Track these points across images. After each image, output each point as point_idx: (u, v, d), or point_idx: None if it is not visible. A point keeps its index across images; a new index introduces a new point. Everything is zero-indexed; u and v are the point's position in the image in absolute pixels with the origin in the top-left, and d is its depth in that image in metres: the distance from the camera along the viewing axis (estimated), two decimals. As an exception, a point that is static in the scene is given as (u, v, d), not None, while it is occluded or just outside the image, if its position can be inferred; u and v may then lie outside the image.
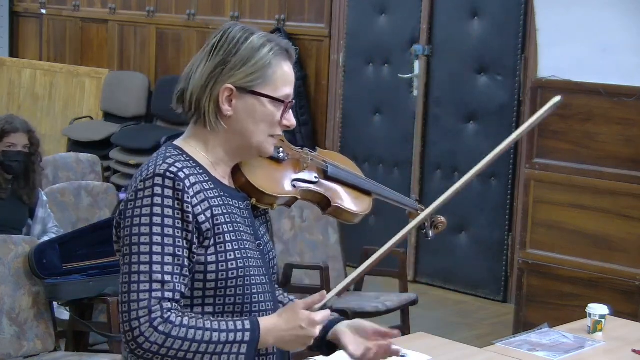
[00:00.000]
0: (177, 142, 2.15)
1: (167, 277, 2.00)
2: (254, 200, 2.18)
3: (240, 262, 2.08)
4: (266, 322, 2.04)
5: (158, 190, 2.02)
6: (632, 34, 4.85)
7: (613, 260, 4.93)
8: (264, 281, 2.15)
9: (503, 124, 6.52)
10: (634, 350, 3.13)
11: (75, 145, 8.33)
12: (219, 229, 2.06)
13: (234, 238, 2.09)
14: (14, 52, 10.07)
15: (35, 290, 4.04)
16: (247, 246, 2.11)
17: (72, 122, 8.83)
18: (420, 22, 6.89)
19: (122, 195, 5.48)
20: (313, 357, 2.89)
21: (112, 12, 9.10)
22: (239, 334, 2.01)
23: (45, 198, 4.80)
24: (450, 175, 6.80)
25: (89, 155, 6.23)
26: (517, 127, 6.43)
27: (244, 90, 2.09)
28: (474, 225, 6.68)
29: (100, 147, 8.10)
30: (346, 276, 5.20)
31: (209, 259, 2.05)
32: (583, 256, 5.02)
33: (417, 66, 6.91)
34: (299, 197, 2.25)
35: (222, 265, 2.06)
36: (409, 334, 4.79)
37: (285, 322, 2.04)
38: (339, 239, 5.27)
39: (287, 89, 2.13)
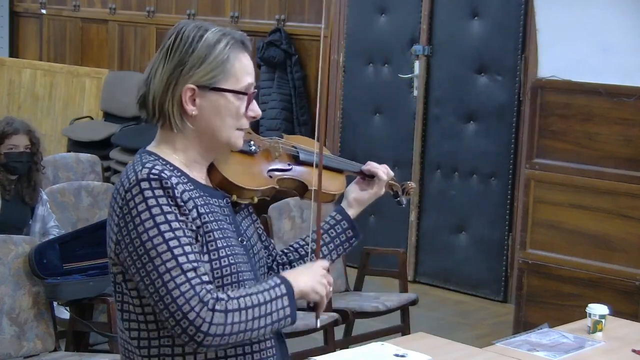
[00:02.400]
0: (149, 148, 2.15)
1: (195, 264, 2.00)
2: (234, 197, 2.20)
3: (232, 260, 2.10)
4: (288, 273, 2.13)
5: (148, 193, 2.02)
6: (632, 34, 4.85)
7: (613, 260, 4.93)
8: (251, 277, 2.16)
9: (503, 124, 6.52)
10: (634, 350, 3.13)
11: (75, 145, 8.33)
12: (207, 227, 2.08)
13: (221, 236, 2.10)
14: (14, 52, 10.07)
15: (35, 290, 4.04)
16: (233, 243, 2.13)
17: (72, 122, 8.83)
18: (420, 22, 6.89)
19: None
20: (313, 357, 2.89)
21: (112, 12, 9.10)
22: (276, 289, 2.06)
23: (45, 197, 4.81)
24: (451, 175, 6.80)
25: (89, 155, 6.23)
26: (517, 127, 6.44)
27: (205, 88, 2.09)
28: (474, 225, 6.68)
29: (100, 147, 8.10)
30: (346, 276, 5.22)
31: (204, 258, 2.06)
32: (583, 256, 5.02)
33: (417, 66, 6.91)
34: (277, 187, 2.28)
35: (216, 264, 2.08)
36: (409, 334, 4.79)
37: (303, 267, 2.18)
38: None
39: (248, 79, 2.14)
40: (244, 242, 2.19)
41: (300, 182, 2.33)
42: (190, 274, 1.99)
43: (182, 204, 2.04)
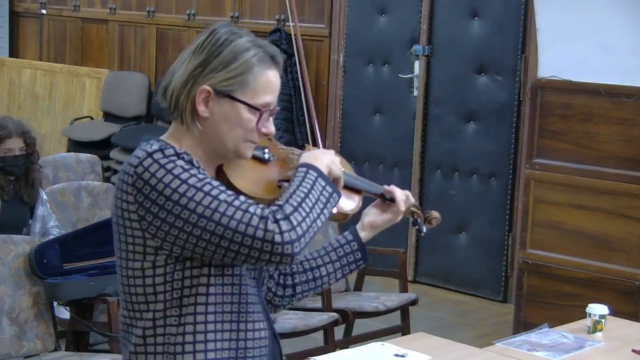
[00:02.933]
0: (160, 138, 2.12)
1: (235, 195, 1.99)
2: None
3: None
4: (306, 154, 2.14)
5: (163, 160, 2.00)
6: (632, 34, 4.85)
7: (613, 260, 4.93)
8: (252, 275, 2.15)
9: (503, 124, 6.52)
10: (634, 350, 3.13)
11: (75, 145, 8.33)
12: None
13: None
14: (14, 52, 10.07)
15: (36, 290, 4.04)
16: None
17: (72, 122, 8.83)
18: (420, 22, 6.89)
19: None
20: (313, 357, 2.89)
21: (112, 12, 9.10)
22: (309, 176, 2.06)
23: (45, 197, 4.81)
24: (451, 175, 6.80)
25: (89, 155, 6.23)
26: (517, 127, 6.44)
27: (221, 93, 2.06)
28: (474, 225, 6.68)
29: (101, 147, 8.10)
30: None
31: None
32: (583, 256, 5.02)
33: (417, 66, 6.91)
34: None
35: (219, 270, 2.07)
36: (409, 334, 4.79)
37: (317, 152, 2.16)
38: (339, 239, 5.26)
39: (267, 97, 2.09)
40: None
41: None
42: (236, 202, 1.97)
43: (203, 172, 2.02)
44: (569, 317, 4.02)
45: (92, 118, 8.87)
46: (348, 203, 2.29)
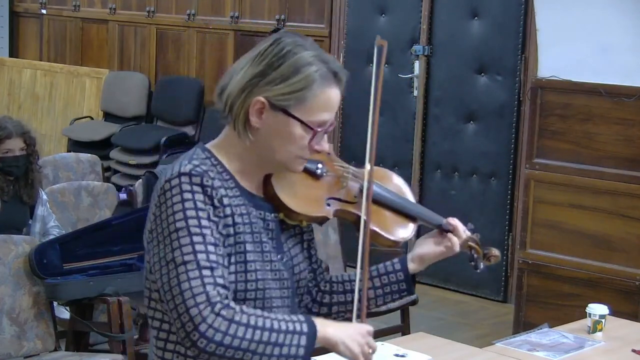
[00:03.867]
0: (208, 145, 2.06)
1: (214, 265, 1.91)
2: (281, 215, 2.07)
3: (260, 275, 2.01)
4: (320, 319, 1.98)
5: (186, 187, 1.94)
6: (632, 34, 4.85)
7: (613, 260, 4.93)
8: (285, 294, 2.07)
9: (503, 124, 6.52)
10: (634, 350, 3.13)
11: (75, 145, 8.33)
12: (239, 237, 1.99)
13: (254, 249, 2.01)
14: (14, 52, 10.07)
15: (36, 290, 4.04)
16: (268, 259, 2.03)
17: (72, 122, 8.83)
18: (420, 22, 6.90)
19: (122, 196, 5.48)
20: (313, 357, 2.89)
21: (112, 12, 9.10)
22: (298, 325, 1.92)
23: (45, 197, 4.80)
24: (451, 175, 6.80)
25: (89, 155, 6.23)
26: (517, 127, 6.44)
27: (276, 107, 1.97)
28: (474, 225, 6.66)
29: (101, 147, 8.11)
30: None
31: (230, 268, 1.97)
32: (583, 256, 5.02)
33: (417, 66, 6.91)
34: (330, 217, 2.10)
35: (242, 276, 1.99)
36: (409, 334, 4.79)
37: (339, 324, 2.00)
38: (339, 239, 5.27)
39: (324, 116, 2.02)
40: (284, 260, 2.08)
41: (360, 218, 2.10)
42: (206, 272, 1.89)
43: (219, 205, 1.96)
44: (569, 317, 4.02)
45: (92, 118, 8.87)
46: (401, 231, 2.19)
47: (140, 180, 5.51)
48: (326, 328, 1.96)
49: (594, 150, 5.00)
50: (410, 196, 2.26)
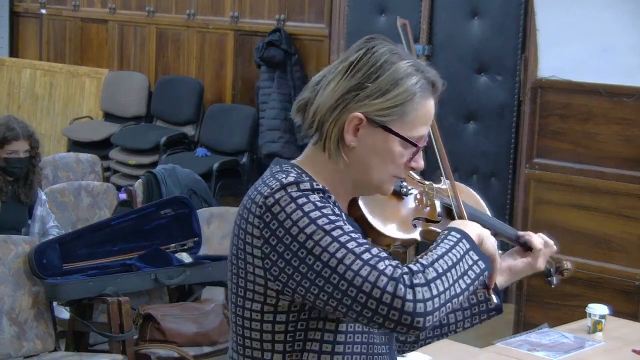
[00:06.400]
0: (294, 162, 1.87)
1: (366, 245, 1.70)
2: (368, 239, 1.85)
3: None
4: (455, 223, 1.85)
5: (296, 194, 1.73)
6: (632, 34, 4.85)
7: (613, 260, 4.93)
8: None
9: (503, 124, 6.52)
10: (634, 350, 3.13)
11: (75, 145, 8.33)
12: None
13: None
14: (14, 52, 10.07)
15: (35, 290, 4.04)
16: None
17: (72, 122, 8.83)
18: (420, 22, 6.89)
19: (122, 195, 5.48)
20: None
21: (112, 12, 9.10)
22: (460, 245, 1.76)
23: (44, 197, 4.80)
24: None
25: (89, 155, 6.24)
26: (517, 127, 6.44)
27: (375, 123, 1.81)
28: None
29: (100, 147, 8.11)
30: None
31: None
32: (583, 256, 5.02)
33: (417, 66, 6.90)
34: (419, 239, 1.95)
35: None
36: (409, 334, 4.78)
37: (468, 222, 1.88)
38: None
39: (424, 130, 1.90)
40: None
41: None
42: (365, 255, 1.67)
43: (337, 209, 1.76)
44: (569, 317, 4.02)
45: (91, 118, 8.87)
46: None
47: (140, 180, 5.51)
48: (467, 227, 1.82)
49: (594, 150, 5.00)
50: (486, 210, 2.17)
